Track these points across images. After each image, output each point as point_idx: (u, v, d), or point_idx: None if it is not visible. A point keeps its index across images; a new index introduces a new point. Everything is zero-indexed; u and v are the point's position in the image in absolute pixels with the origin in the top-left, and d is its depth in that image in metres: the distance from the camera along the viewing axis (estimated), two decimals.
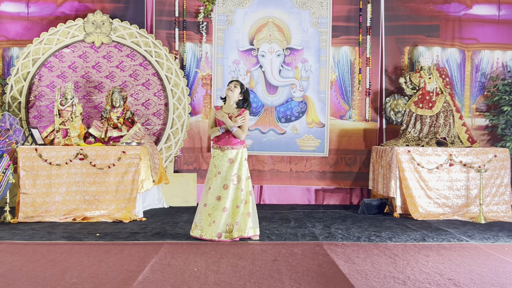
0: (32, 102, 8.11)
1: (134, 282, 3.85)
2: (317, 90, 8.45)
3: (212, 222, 5.33)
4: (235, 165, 5.40)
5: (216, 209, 5.36)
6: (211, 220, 5.34)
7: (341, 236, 5.70)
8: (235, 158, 5.42)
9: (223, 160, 5.41)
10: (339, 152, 8.46)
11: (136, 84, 8.22)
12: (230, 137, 5.46)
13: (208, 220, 5.35)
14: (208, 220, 5.35)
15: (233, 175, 5.38)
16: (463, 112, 8.33)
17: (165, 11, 8.41)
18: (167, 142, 8.18)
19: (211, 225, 5.33)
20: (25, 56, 8.02)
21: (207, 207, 5.39)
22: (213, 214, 5.35)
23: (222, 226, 5.34)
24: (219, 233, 5.32)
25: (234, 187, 5.39)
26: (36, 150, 6.71)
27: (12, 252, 4.82)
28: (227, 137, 5.46)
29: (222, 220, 5.33)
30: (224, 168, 5.39)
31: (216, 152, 5.49)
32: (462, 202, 7.02)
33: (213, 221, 5.33)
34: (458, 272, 4.20)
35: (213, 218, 5.34)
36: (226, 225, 5.35)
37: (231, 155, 5.41)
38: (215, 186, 5.40)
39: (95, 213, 6.66)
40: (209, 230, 5.33)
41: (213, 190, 5.40)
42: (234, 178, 5.39)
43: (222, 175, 5.39)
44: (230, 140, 5.45)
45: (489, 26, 8.47)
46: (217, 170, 5.41)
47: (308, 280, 3.95)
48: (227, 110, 5.54)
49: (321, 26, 8.45)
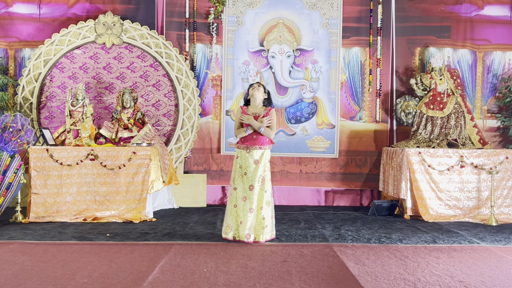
0: (43, 103, 8.16)
1: (144, 283, 3.86)
2: (327, 91, 8.43)
3: (240, 223, 5.34)
4: (259, 167, 5.38)
5: (242, 210, 5.35)
6: (239, 221, 5.35)
7: (351, 237, 5.68)
8: (260, 159, 5.39)
9: (248, 161, 5.38)
10: (349, 153, 8.44)
11: (146, 85, 8.25)
12: (258, 137, 5.42)
13: (237, 221, 5.36)
14: (237, 221, 5.37)
15: (258, 176, 5.36)
16: (475, 114, 8.28)
17: (176, 12, 8.43)
18: (177, 143, 8.20)
19: (239, 226, 5.35)
20: (37, 57, 8.08)
21: (236, 208, 5.38)
22: (241, 215, 5.35)
23: (250, 227, 5.33)
24: (247, 234, 5.32)
25: (259, 188, 5.38)
26: (47, 151, 6.75)
27: (23, 252, 4.85)
28: (255, 136, 5.42)
29: (249, 221, 5.32)
30: (250, 169, 5.38)
31: (241, 153, 5.45)
32: (473, 204, 6.98)
33: (241, 222, 5.34)
34: (469, 275, 4.18)
35: (240, 219, 5.35)
36: (253, 226, 5.35)
37: (256, 156, 5.38)
38: (241, 187, 5.39)
39: (106, 214, 6.68)
40: (238, 231, 5.36)
41: (239, 191, 5.39)
42: (259, 179, 5.37)
43: (248, 175, 5.38)
44: (258, 140, 5.42)
45: (501, 27, 8.42)
46: (243, 171, 5.40)
47: (318, 281, 3.94)
48: (253, 110, 5.52)
49: (332, 27, 8.43)
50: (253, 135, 5.42)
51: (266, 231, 5.38)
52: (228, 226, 5.39)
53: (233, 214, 5.39)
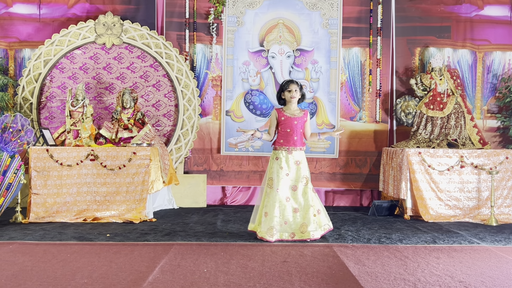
0: (43, 103, 8.16)
1: (144, 283, 3.86)
2: (327, 92, 8.43)
3: (284, 223, 5.41)
4: (301, 167, 5.51)
5: (286, 210, 5.43)
6: (283, 221, 5.41)
7: (351, 238, 5.68)
8: (301, 159, 5.54)
9: (290, 162, 5.49)
10: (349, 153, 8.44)
11: (146, 85, 8.25)
12: (298, 138, 5.56)
13: (281, 221, 5.41)
14: (280, 221, 5.41)
15: (302, 176, 5.48)
16: (475, 114, 8.28)
17: (176, 12, 8.43)
18: (177, 143, 8.20)
19: (282, 225, 5.41)
20: (37, 58, 8.08)
21: (279, 208, 5.42)
22: (285, 215, 5.42)
23: (295, 226, 5.41)
24: (292, 233, 5.41)
25: (303, 187, 5.49)
26: (47, 151, 6.75)
27: (23, 252, 4.85)
28: (296, 138, 5.54)
29: (296, 220, 5.42)
30: (292, 170, 5.49)
31: (282, 154, 5.53)
32: (473, 204, 6.98)
33: (285, 222, 5.41)
34: (469, 275, 4.18)
35: (285, 219, 5.42)
36: (299, 225, 5.41)
37: (298, 157, 5.52)
38: (283, 188, 5.46)
39: (106, 214, 6.69)
40: (281, 230, 5.42)
41: (282, 192, 5.44)
42: (303, 179, 5.49)
43: (290, 176, 5.48)
44: (298, 141, 5.56)
45: (501, 27, 8.42)
46: (284, 172, 5.47)
47: (318, 281, 3.94)
48: (289, 112, 5.61)
49: (332, 27, 8.43)
50: (293, 136, 5.53)
51: (324, 223, 5.56)
52: (272, 228, 5.36)
53: (276, 215, 5.39)
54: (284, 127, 5.56)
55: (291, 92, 5.59)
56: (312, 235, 5.41)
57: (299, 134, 5.58)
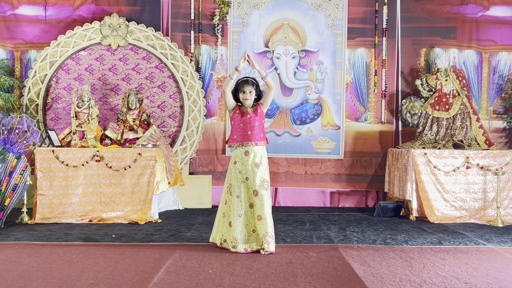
0: (49, 104, 8.19)
1: (150, 284, 3.87)
2: (332, 92, 8.42)
3: (252, 231, 4.92)
4: (260, 170, 4.93)
5: (251, 218, 4.95)
6: (251, 230, 4.93)
7: (357, 239, 5.68)
8: (260, 161, 4.95)
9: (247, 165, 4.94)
10: (354, 154, 8.43)
11: (152, 86, 8.27)
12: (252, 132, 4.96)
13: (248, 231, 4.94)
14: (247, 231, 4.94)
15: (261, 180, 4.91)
16: (480, 115, 8.25)
17: (181, 13, 8.44)
18: (182, 144, 8.21)
19: (250, 236, 4.95)
20: (43, 59, 8.10)
21: (242, 218, 4.92)
22: (251, 224, 4.94)
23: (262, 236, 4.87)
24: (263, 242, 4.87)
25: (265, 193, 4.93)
26: (53, 152, 6.77)
27: (29, 253, 4.86)
28: (249, 132, 4.96)
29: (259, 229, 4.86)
30: (250, 174, 4.92)
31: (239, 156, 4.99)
32: (479, 205, 6.95)
33: (253, 230, 4.92)
34: (475, 276, 4.16)
35: (252, 227, 4.92)
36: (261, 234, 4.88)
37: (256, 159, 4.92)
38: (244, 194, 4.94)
39: (111, 215, 6.70)
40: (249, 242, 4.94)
41: (243, 198, 4.94)
42: (263, 183, 4.92)
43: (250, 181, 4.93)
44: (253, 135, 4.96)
45: (507, 27, 8.38)
46: (243, 177, 4.95)
47: (323, 283, 3.94)
48: (243, 108, 5.07)
49: (337, 28, 8.43)
50: (247, 130, 4.96)
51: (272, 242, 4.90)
52: (235, 239, 4.88)
53: (238, 225, 4.89)
54: (237, 122, 5.02)
55: (245, 94, 5.02)
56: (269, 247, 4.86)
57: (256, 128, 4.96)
